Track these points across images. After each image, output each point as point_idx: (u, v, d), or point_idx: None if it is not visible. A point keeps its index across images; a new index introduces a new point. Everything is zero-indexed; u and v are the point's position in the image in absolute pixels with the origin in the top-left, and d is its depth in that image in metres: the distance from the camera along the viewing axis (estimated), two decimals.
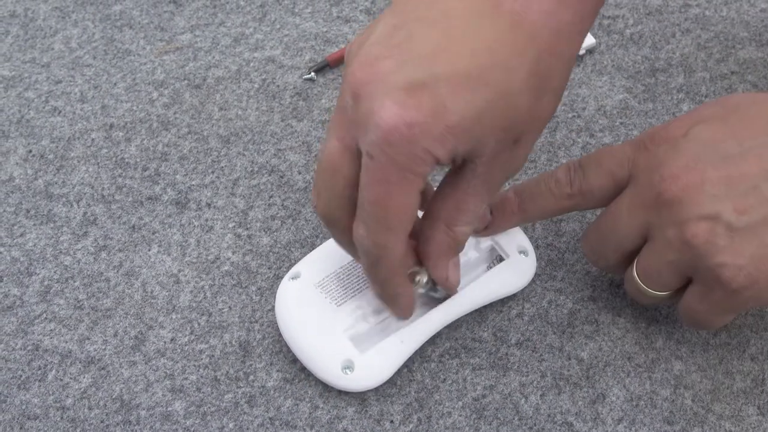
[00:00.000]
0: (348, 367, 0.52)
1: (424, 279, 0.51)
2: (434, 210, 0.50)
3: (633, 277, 0.51)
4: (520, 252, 0.57)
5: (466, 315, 0.56)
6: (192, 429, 0.53)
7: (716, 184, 0.47)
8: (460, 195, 0.48)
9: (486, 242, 0.57)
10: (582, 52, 0.71)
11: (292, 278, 0.56)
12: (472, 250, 0.57)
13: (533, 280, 0.58)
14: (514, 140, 0.46)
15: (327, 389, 0.54)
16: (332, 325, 0.54)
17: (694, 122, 0.50)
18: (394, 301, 0.52)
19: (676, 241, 0.48)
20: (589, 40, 0.71)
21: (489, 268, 0.57)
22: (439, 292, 0.54)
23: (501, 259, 0.57)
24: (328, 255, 0.56)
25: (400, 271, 0.50)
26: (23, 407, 0.55)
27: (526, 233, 0.59)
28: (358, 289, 0.55)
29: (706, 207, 0.47)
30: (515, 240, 0.58)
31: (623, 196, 0.51)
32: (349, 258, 0.55)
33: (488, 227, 0.56)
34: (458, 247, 0.51)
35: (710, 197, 0.47)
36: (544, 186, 0.54)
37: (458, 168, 0.47)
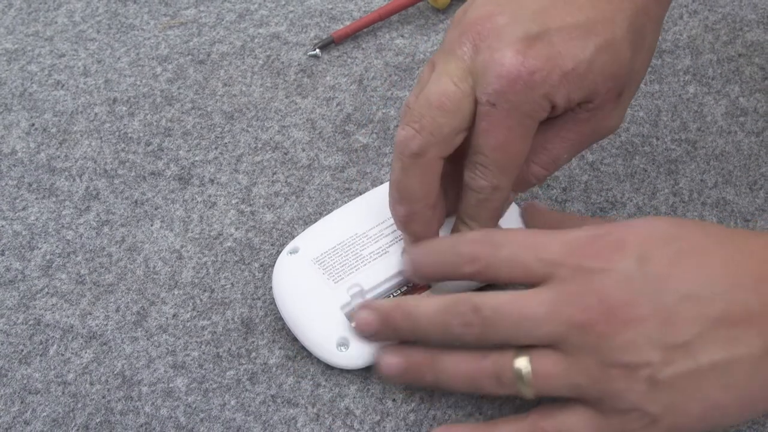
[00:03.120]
0: (343, 344, 0.52)
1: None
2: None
3: (523, 373, 0.46)
4: None
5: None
6: (194, 405, 0.53)
7: (653, 328, 0.44)
8: (550, 135, 0.51)
9: None
10: None
11: (290, 252, 0.56)
12: None
13: None
14: (618, 93, 0.50)
15: (329, 367, 0.54)
16: (329, 302, 0.53)
17: (643, 244, 0.46)
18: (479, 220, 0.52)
19: (594, 370, 0.44)
20: None
21: None
22: None
23: None
24: (328, 230, 0.56)
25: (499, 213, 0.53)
26: (24, 382, 0.55)
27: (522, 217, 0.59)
28: (355, 267, 0.55)
29: (638, 353, 0.44)
30: (516, 223, 0.57)
31: (545, 294, 0.46)
32: (347, 234, 0.55)
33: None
34: (526, 184, 0.53)
35: (644, 341, 0.44)
36: (444, 258, 0.50)
37: (557, 115, 0.50)
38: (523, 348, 0.47)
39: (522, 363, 0.46)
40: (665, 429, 0.45)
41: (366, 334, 0.52)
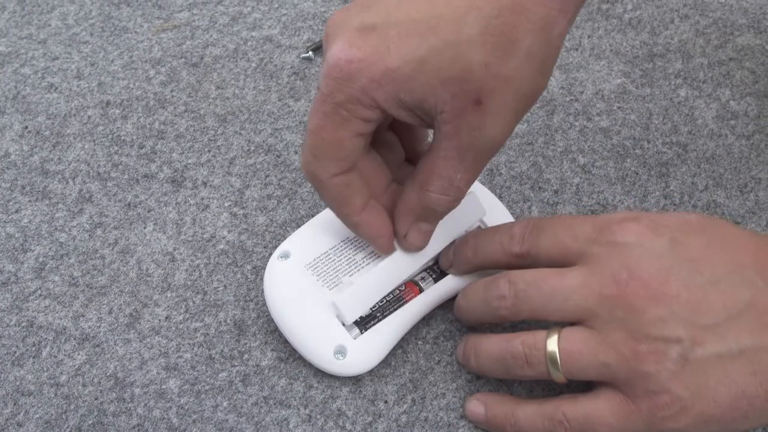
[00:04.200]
0: (340, 352, 0.52)
1: None
2: (415, 171, 0.50)
3: (551, 352, 0.47)
4: None
5: None
6: (186, 407, 0.53)
7: (684, 306, 0.44)
8: (432, 157, 0.48)
9: (476, 223, 0.57)
10: None
11: (281, 257, 0.55)
12: (463, 232, 0.57)
13: None
14: (474, 100, 0.45)
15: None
16: (324, 309, 0.53)
17: (677, 229, 0.47)
18: (359, 231, 0.52)
19: (623, 347, 0.45)
20: None
21: None
22: None
23: None
24: (318, 233, 0.56)
25: (345, 201, 0.50)
26: (17, 383, 0.55)
27: (515, 216, 0.59)
28: (349, 272, 0.54)
29: (668, 328, 0.44)
30: (504, 221, 0.57)
31: (577, 270, 0.47)
32: (339, 237, 0.55)
33: (451, 267, 0.55)
34: (427, 211, 0.51)
35: (675, 318, 0.44)
36: (498, 238, 0.52)
37: (434, 131, 0.48)
38: (554, 329, 0.47)
39: (552, 342, 0.47)
40: (694, 417, 0.44)
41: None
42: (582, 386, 0.49)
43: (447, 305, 0.56)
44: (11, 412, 0.53)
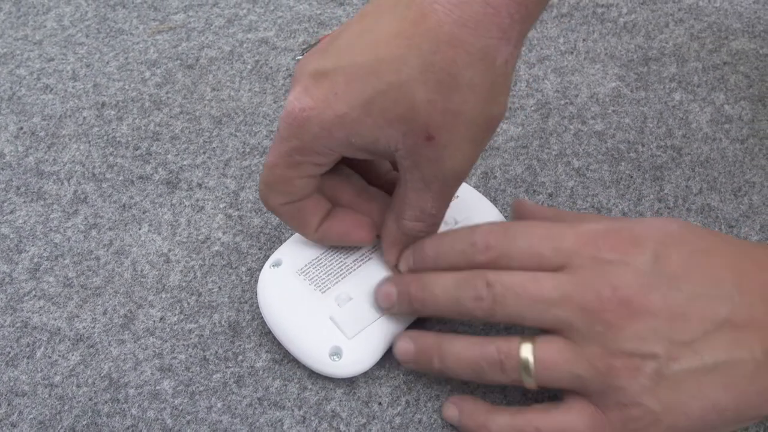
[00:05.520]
0: (336, 354, 0.52)
1: None
2: (391, 200, 0.52)
3: (525, 360, 0.47)
4: None
5: None
6: (180, 408, 0.53)
7: (663, 323, 0.44)
8: (402, 188, 0.49)
9: (462, 222, 0.57)
10: None
11: (273, 265, 0.55)
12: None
13: None
14: (425, 137, 0.46)
15: None
16: (317, 312, 0.53)
17: (659, 242, 0.46)
18: (324, 243, 0.55)
19: (598, 362, 0.45)
20: None
21: None
22: None
23: None
24: (309, 240, 0.56)
25: (299, 223, 0.53)
26: (11, 384, 0.55)
27: (503, 213, 0.59)
28: (340, 275, 0.55)
29: (646, 344, 0.44)
30: (491, 218, 0.57)
31: (557, 280, 0.46)
32: None
33: (409, 269, 0.54)
34: (407, 239, 0.52)
35: (654, 335, 0.44)
36: (459, 247, 0.50)
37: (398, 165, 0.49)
38: (528, 336, 0.47)
39: (526, 350, 0.47)
40: (664, 430, 0.45)
41: (385, 306, 0.53)
42: (554, 391, 0.48)
43: None
44: (5, 413, 0.53)
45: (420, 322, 0.56)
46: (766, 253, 0.47)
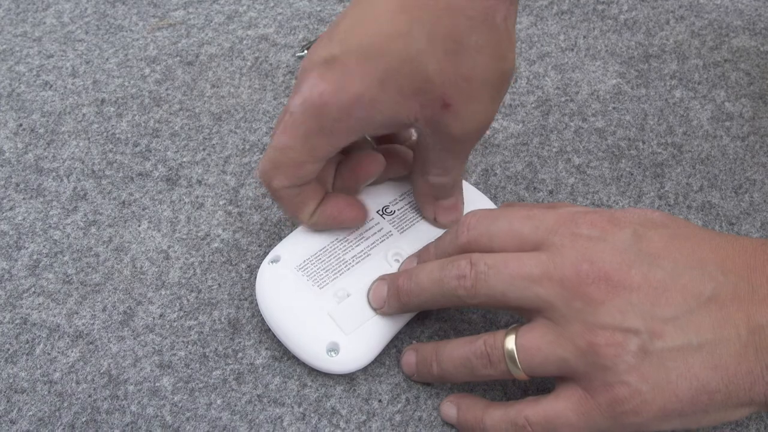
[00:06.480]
0: (333, 349, 0.52)
1: None
2: (413, 160, 0.55)
3: (509, 350, 0.47)
4: None
5: None
6: (180, 405, 0.53)
7: (643, 299, 0.44)
8: (423, 150, 0.52)
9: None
10: None
11: (272, 262, 0.55)
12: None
13: None
14: (442, 105, 0.48)
15: None
16: (315, 308, 0.53)
17: (639, 224, 0.47)
18: (315, 229, 0.55)
19: (579, 340, 0.45)
20: None
21: None
22: None
23: None
24: (308, 237, 0.56)
25: (296, 207, 0.53)
26: (10, 381, 0.55)
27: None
28: (339, 271, 0.55)
29: (627, 318, 0.44)
30: None
31: (537, 258, 0.47)
32: (329, 239, 0.56)
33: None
34: (438, 190, 0.55)
35: (633, 309, 0.44)
36: (450, 234, 0.52)
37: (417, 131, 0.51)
38: (513, 328, 0.47)
39: (510, 340, 0.47)
40: (655, 412, 0.44)
41: (377, 305, 0.53)
42: (551, 384, 0.48)
43: None
44: (4, 410, 0.53)
45: (420, 319, 0.56)
46: (749, 241, 0.47)
